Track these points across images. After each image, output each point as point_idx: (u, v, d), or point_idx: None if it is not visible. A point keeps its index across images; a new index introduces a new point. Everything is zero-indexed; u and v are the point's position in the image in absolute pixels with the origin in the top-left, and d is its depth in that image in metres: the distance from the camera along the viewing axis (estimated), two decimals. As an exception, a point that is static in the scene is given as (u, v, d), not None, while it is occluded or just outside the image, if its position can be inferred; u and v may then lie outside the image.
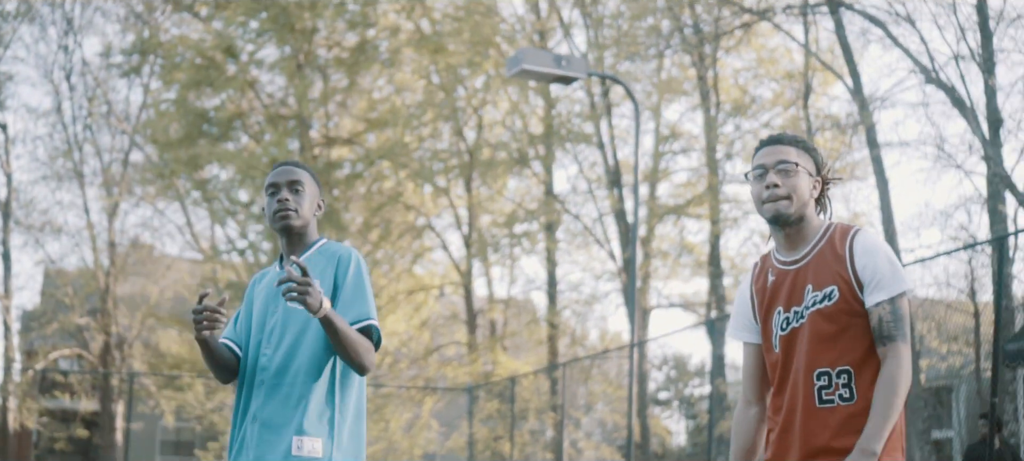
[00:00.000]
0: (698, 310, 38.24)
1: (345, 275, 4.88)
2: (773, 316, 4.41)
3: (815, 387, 4.25)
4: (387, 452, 36.04)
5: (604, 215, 36.21)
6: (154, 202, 40.39)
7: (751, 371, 4.55)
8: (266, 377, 4.88)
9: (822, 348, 4.25)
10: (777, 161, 4.43)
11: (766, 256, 4.57)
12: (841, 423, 4.21)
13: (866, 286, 4.27)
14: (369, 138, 37.88)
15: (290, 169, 5.09)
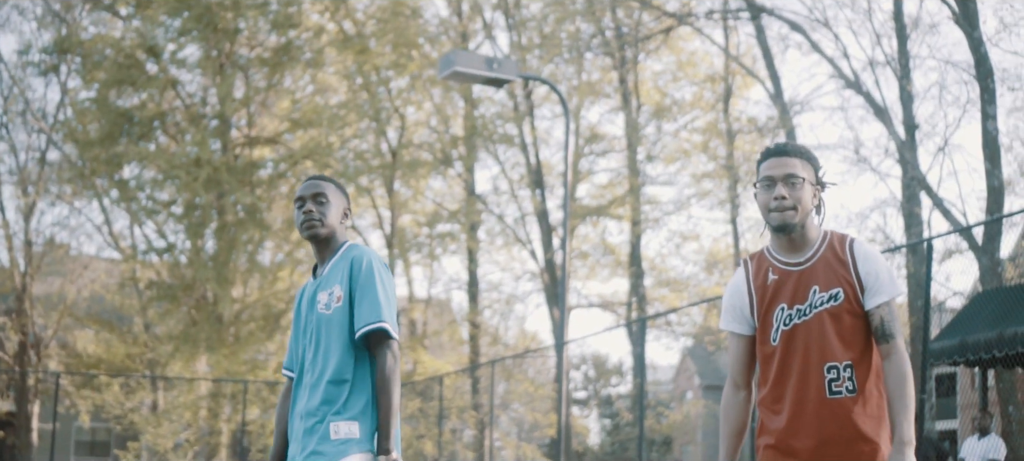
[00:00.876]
0: (617, 310, 38.70)
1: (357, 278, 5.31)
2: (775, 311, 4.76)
3: (826, 380, 4.64)
4: (310, 451, 36.08)
5: (526, 215, 36.55)
6: (71, 201, 40.07)
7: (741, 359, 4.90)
8: (306, 377, 5.37)
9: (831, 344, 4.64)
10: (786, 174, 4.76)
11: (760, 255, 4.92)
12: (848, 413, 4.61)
13: (867, 290, 4.69)
14: (291, 138, 37.92)
15: (315, 183, 5.54)
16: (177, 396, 37.69)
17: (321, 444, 5.16)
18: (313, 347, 5.35)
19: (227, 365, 35.62)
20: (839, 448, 4.62)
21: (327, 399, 5.23)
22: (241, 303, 37.17)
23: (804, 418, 4.66)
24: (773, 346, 4.73)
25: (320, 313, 5.35)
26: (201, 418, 37.14)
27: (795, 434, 4.67)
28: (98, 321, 41.16)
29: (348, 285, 5.32)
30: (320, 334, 5.34)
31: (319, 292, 5.41)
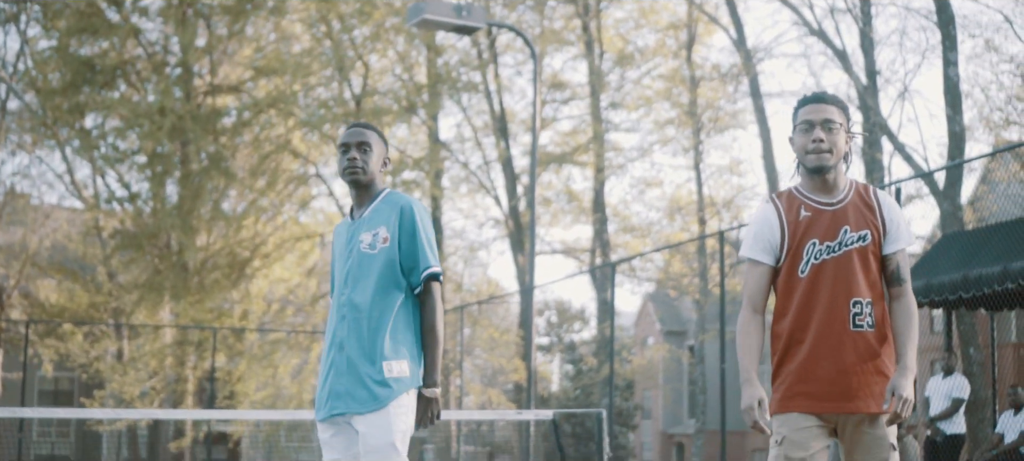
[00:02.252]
0: (580, 256, 38.96)
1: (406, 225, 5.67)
2: (806, 245, 5.11)
3: (850, 313, 5.01)
4: (275, 398, 36.29)
5: (490, 162, 36.70)
6: (32, 151, 39.88)
7: (762, 286, 5.21)
8: (348, 313, 5.62)
9: (857, 281, 5.03)
10: (824, 119, 5.14)
11: (789, 194, 5.26)
12: (868, 346, 5.01)
13: (888, 235, 5.11)
14: (254, 87, 37.89)
15: (360, 131, 5.84)
16: (142, 344, 37.75)
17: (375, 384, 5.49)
18: (354, 285, 5.64)
19: (193, 313, 35.70)
20: (857, 377, 4.98)
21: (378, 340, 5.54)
22: (206, 251, 37.21)
23: (827, 347, 5.00)
24: (801, 278, 5.08)
25: (363, 252, 5.66)
26: (167, 366, 37.22)
27: (817, 362, 5.02)
28: (61, 270, 41.04)
29: (397, 229, 5.65)
30: (363, 273, 5.63)
31: (361, 233, 5.71)
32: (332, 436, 5.64)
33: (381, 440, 5.44)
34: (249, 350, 36.61)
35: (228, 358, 36.63)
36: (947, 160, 24.79)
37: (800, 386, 5.05)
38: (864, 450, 5.02)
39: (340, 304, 5.69)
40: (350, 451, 5.62)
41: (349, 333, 5.59)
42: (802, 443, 5.00)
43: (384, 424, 5.45)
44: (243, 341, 36.73)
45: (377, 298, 5.58)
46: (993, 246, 15.91)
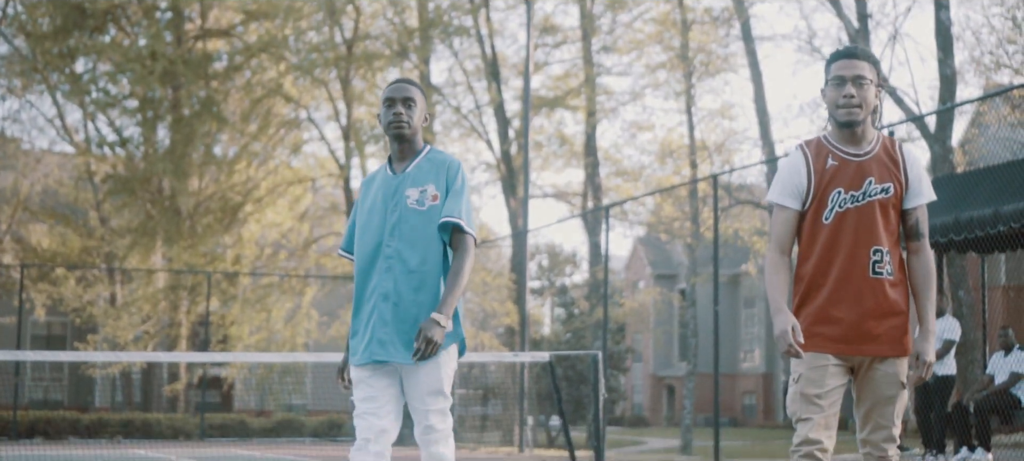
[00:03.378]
0: (571, 200, 39.04)
1: (453, 183, 5.89)
2: (831, 194, 5.32)
3: (870, 261, 5.23)
4: (268, 342, 36.44)
5: (482, 106, 36.69)
6: (22, 95, 39.78)
7: (788, 230, 5.40)
8: (394, 265, 5.83)
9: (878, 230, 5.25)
10: (855, 75, 5.29)
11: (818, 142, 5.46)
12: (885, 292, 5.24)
13: (910, 190, 5.33)
14: (244, 30, 37.79)
15: (405, 87, 6.00)
16: (135, 289, 37.85)
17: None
18: (400, 239, 5.85)
19: (185, 257, 35.78)
20: (874, 321, 5.22)
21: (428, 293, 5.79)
22: (198, 196, 37.25)
23: (847, 292, 5.24)
24: (825, 224, 5.29)
25: (411, 208, 5.86)
26: (160, 310, 37.33)
27: (837, 305, 5.25)
28: (53, 215, 41.07)
29: (445, 189, 5.88)
30: (410, 228, 5.85)
31: (407, 188, 5.90)
32: (370, 376, 5.86)
33: (432, 386, 5.77)
34: (242, 294, 36.72)
35: (221, 302, 36.74)
36: (938, 103, 24.87)
37: (818, 327, 5.27)
38: (874, 386, 5.27)
39: (385, 256, 5.86)
40: (388, 391, 5.87)
41: (395, 286, 5.82)
42: (817, 380, 5.25)
43: (434, 372, 5.77)
44: (236, 285, 36.84)
45: (426, 254, 5.82)
46: (983, 189, 16.02)
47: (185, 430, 30.29)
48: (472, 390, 34.07)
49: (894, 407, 5.23)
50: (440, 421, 5.81)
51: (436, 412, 5.80)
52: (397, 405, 5.89)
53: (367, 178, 6.14)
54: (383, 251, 5.87)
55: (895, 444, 5.23)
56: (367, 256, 5.94)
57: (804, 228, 5.37)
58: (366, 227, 5.98)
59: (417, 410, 5.82)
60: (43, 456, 18.37)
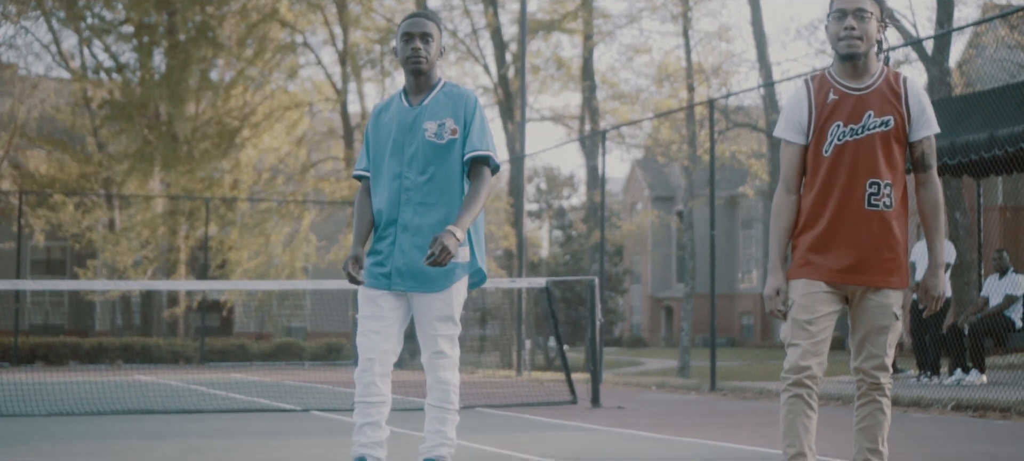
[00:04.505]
0: (568, 123, 39.02)
1: (471, 116, 6.01)
2: (831, 127, 5.38)
3: (867, 193, 5.30)
4: (268, 266, 36.54)
5: (479, 30, 36.58)
6: (18, 21, 39.63)
7: (794, 166, 5.49)
8: (413, 196, 5.96)
9: (877, 163, 5.31)
10: (856, 8, 5.35)
11: (821, 76, 5.51)
12: (881, 224, 5.31)
13: (914, 123, 5.36)
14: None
15: (422, 22, 6.05)
16: (134, 214, 37.90)
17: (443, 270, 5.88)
18: (419, 170, 5.96)
19: (183, 183, 35.81)
20: (868, 253, 5.30)
21: (443, 225, 5.88)
22: (195, 121, 37.21)
23: (842, 223, 5.32)
24: (824, 158, 5.36)
25: (429, 140, 5.96)
26: (159, 235, 37.41)
27: (832, 235, 5.34)
28: (50, 141, 41.05)
29: (463, 122, 5.98)
30: (430, 160, 5.95)
31: (424, 120, 5.98)
32: (379, 296, 5.98)
33: (443, 312, 5.93)
34: (240, 219, 36.78)
35: (220, 227, 36.80)
36: (936, 25, 24.79)
37: (812, 256, 5.37)
38: (867, 316, 5.34)
39: (405, 187, 5.98)
40: (394, 313, 5.99)
41: (414, 216, 5.95)
42: (808, 306, 5.34)
43: (447, 300, 5.92)
44: (234, 211, 36.88)
45: (446, 187, 5.94)
46: (980, 112, 16.03)
47: (185, 355, 30.45)
48: (471, 312, 34.23)
49: (886, 337, 5.30)
50: (449, 347, 5.98)
51: (445, 338, 5.96)
52: (401, 328, 6.04)
53: (379, 107, 6.22)
54: (401, 182, 5.98)
55: (887, 373, 5.31)
56: (384, 187, 6.05)
57: (807, 162, 5.45)
58: (381, 158, 6.08)
59: (427, 335, 5.97)
60: (43, 382, 18.48)
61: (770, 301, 5.43)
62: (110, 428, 10.98)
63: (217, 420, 11.96)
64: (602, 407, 13.66)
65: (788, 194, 5.47)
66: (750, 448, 9.23)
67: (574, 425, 11.49)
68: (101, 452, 8.89)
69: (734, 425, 11.62)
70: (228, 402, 14.86)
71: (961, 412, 12.65)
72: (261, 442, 9.68)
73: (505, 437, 10.17)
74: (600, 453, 8.89)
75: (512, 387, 17.36)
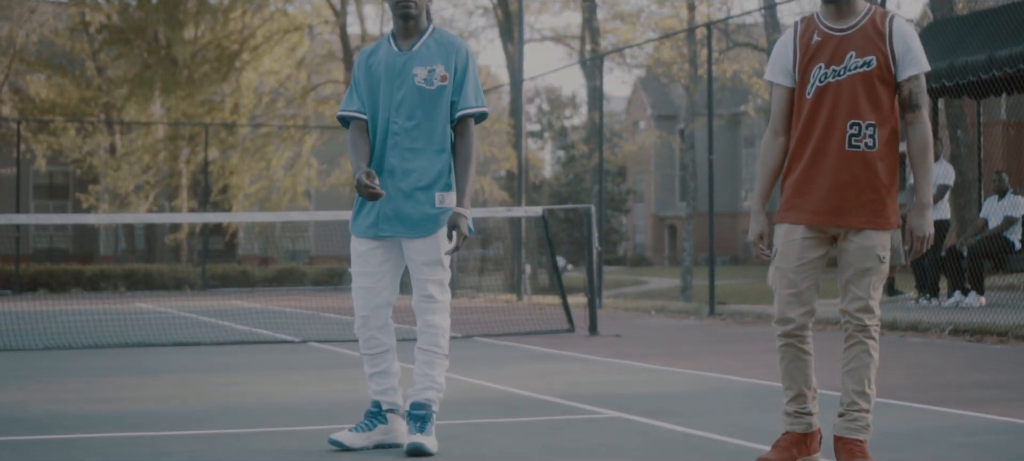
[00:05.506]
0: (569, 43, 38.84)
1: (464, 68, 6.02)
2: (813, 69, 5.35)
3: (847, 134, 5.28)
4: (269, 191, 36.51)
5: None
6: (15, -56, 39.37)
7: (782, 108, 5.48)
8: (400, 141, 5.99)
9: (858, 104, 5.27)
10: None
11: (809, 18, 5.48)
12: (862, 166, 5.27)
13: (900, 62, 5.28)
14: None
15: None
16: (134, 139, 37.83)
17: (429, 209, 5.95)
18: (407, 115, 5.97)
19: (183, 107, 35.71)
20: (848, 194, 5.27)
21: (431, 171, 5.95)
22: (194, 45, 37.03)
23: (823, 165, 5.30)
24: (807, 99, 5.34)
25: (419, 86, 5.95)
26: (160, 161, 37.36)
27: (813, 177, 5.33)
28: (49, 66, 40.89)
29: (453, 71, 5.96)
30: (418, 106, 5.96)
31: (414, 66, 5.96)
32: (369, 250, 6.01)
33: (431, 257, 5.95)
34: (241, 144, 36.70)
35: (221, 152, 36.74)
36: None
37: (795, 199, 5.37)
38: (850, 258, 5.30)
39: (392, 132, 5.99)
40: (382, 267, 6.03)
41: (400, 161, 5.98)
42: (788, 254, 5.35)
43: (434, 245, 5.94)
44: (235, 135, 36.80)
45: (434, 133, 5.96)
46: (980, 33, 15.91)
47: (188, 281, 30.49)
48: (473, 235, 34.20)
49: (870, 279, 5.26)
50: (438, 292, 5.98)
51: (434, 283, 5.96)
52: (395, 278, 6.08)
53: (367, 51, 6.17)
54: (389, 128, 5.99)
55: (872, 314, 5.27)
56: (372, 132, 6.06)
57: (794, 104, 5.44)
58: (370, 103, 6.07)
59: (417, 280, 6.00)
60: (43, 312, 18.52)
61: (754, 246, 5.46)
62: (105, 363, 10.99)
63: (213, 353, 11.97)
64: (599, 335, 13.67)
65: (775, 136, 5.46)
66: (741, 379, 9.23)
67: (569, 355, 11.50)
68: (91, 389, 8.90)
69: (730, 354, 11.63)
70: (227, 333, 14.88)
71: (959, 336, 12.65)
72: (255, 378, 9.68)
73: (497, 370, 10.18)
74: (592, 387, 8.89)
75: (511, 314, 17.39)
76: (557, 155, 52.37)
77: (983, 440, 6.30)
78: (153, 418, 7.31)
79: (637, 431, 6.68)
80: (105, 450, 6.14)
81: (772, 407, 7.32)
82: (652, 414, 7.20)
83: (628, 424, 6.90)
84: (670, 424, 6.84)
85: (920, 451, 5.95)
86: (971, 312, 14.54)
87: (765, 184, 5.49)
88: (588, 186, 36.14)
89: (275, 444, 6.32)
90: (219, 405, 7.92)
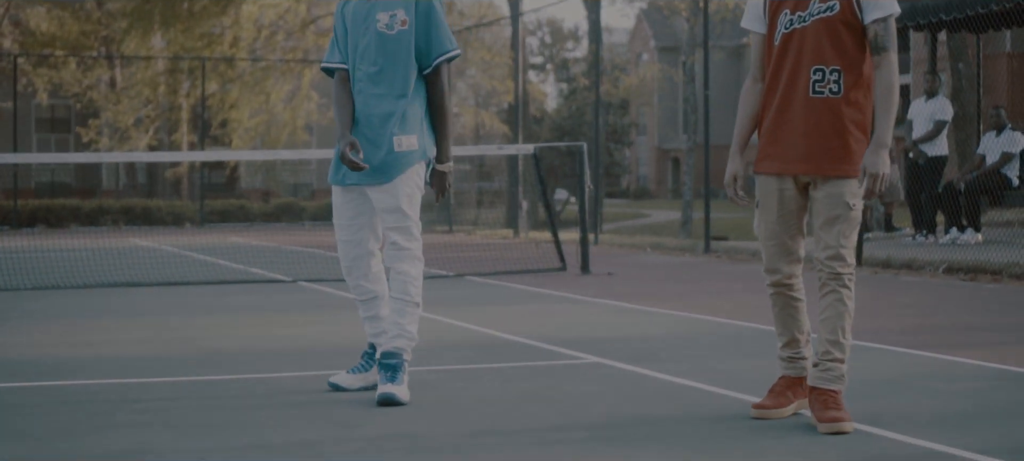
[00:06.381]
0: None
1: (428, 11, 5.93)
2: (780, 15, 5.31)
3: (811, 80, 5.23)
4: (269, 124, 36.38)
5: None
6: None
7: (757, 54, 5.45)
8: (364, 87, 5.97)
9: (822, 50, 5.22)
10: None
11: None
12: (827, 112, 5.22)
13: (865, 5, 5.21)
14: None
15: None
16: (134, 73, 37.70)
17: (388, 155, 5.88)
18: (371, 61, 5.93)
19: (183, 40, 35.53)
20: (814, 140, 5.22)
21: (389, 116, 5.90)
22: (193, -23, 36.77)
23: (790, 112, 5.27)
24: (775, 47, 5.31)
25: (381, 32, 5.91)
26: (160, 94, 37.24)
27: (782, 126, 5.30)
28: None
29: (414, 13, 5.90)
30: (380, 52, 5.91)
31: (377, 12, 5.91)
32: (343, 203, 6.06)
33: (390, 204, 5.90)
34: (240, 77, 36.53)
35: (220, 85, 36.59)
36: None
37: (767, 148, 5.36)
38: (819, 206, 5.25)
39: (358, 78, 5.98)
40: (356, 220, 6.05)
41: (364, 107, 5.96)
42: (768, 206, 5.36)
43: (393, 191, 5.89)
44: (234, 69, 36.61)
45: (395, 78, 5.92)
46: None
47: (186, 216, 30.41)
48: (468, 167, 34.17)
49: (840, 227, 5.20)
50: (404, 239, 5.92)
51: (397, 230, 5.92)
52: (372, 227, 6.10)
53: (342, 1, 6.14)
54: (355, 74, 5.98)
55: (845, 262, 5.21)
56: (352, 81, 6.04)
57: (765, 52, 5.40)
58: (343, 52, 6.06)
59: (384, 229, 6.02)
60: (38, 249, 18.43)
61: (728, 187, 5.43)
62: (91, 304, 10.93)
63: (201, 294, 11.91)
64: (591, 274, 13.59)
65: (754, 83, 5.44)
66: (728, 322, 9.15)
67: (558, 295, 11.42)
68: (74, 332, 8.83)
69: (721, 293, 11.55)
70: (218, 271, 14.83)
71: (953, 275, 12.56)
72: (239, 320, 9.62)
73: (482, 311, 10.11)
74: (576, 329, 8.81)
75: (506, 251, 17.28)
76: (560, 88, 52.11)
77: (962, 387, 6.21)
78: (126, 364, 7.25)
79: (616, 378, 6.61)
80: (68, 398, 6.06)
81: (756, 353, 7.27)
82: (633, 360, 7.12)
83: (608, 371, 6.83)
84: (650, 370, 6.76)
85: (897, 399, 5.87)
86: (967, 250, 14.44)
87: (743, 130, 5.46)
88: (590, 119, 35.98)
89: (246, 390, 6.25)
90: (196, 350, 7.85)
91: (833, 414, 5.08)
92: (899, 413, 5.45)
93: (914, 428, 5.06)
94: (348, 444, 4.92)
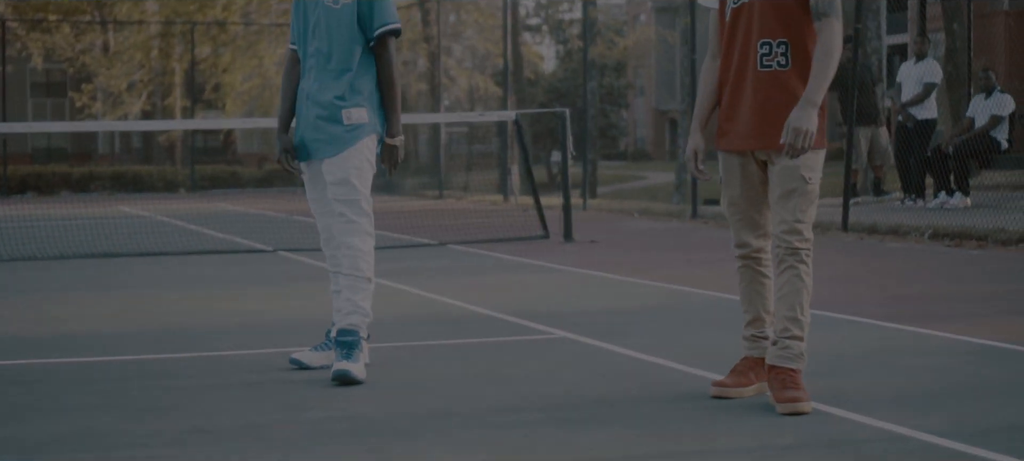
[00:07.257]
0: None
1: None
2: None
3: (759, 54, 5.18)
4: (262, 88, 36.21)
5: None
6: None
7: (714, 31, 5.41)
8: (314, 64, 5.99)
9: (768, 23, 5.16)
10: None
11: None
12: (776, 84, 5.16)
13: None
14: None
15: None
16: (127, 37, 37.54)
17: (335, 128, 5.89)
18: (319, 38, 5.94)
19: (175, 4, 35.36)
20: (764, 114, 5.16)
21: (337, 89, 5.91)
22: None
23: (743, 88, 5.22)
24: (726, 23, 5.27)
25: (328, 7, 5.93)
26: (153, 58, 37.11)
27: (734, 102, 5.27)
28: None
29: None
30: (326, 27, 5.93)
31: None
32: (311, 177, 6.09)
33: (338, 177, 5.88)
34: (233, 41, 36.37)
35: (212, 49, 36.43)
36: None
37: (725, 124, 5.30)
38: (774, 180, 5.16)
39: (308, 54, 6.01)
40: (322, 191, 6.05)
41: (312, 83, 5.97)
42: (730, 182, 5.32)
43: (342, 163, 5.88)
44: (227, 32, 36.43)
45: (338, 51, 5.92)
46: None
47: (179, 182, 30.28)
48: (459, 129, 34.02)
49: (796, 201, 5.11)
50: (352, 212, 5.89)
51: (344, 203, 5.89)
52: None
53: None
54: (306, 50, 6.01)
55: (801, 237, 5.12)
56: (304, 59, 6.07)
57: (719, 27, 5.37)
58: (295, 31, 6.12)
59: (333, 200, 5.97)
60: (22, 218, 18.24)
61: (689, 163, 5.36)
62: (64, 276, 10.83)
63: (178, 264, 11.80)
64: (574, 241, 13.47)
65: (712, 59, 5.39)
66: (705, 293, 9.05)
67: (537, 265, 11.31)
68: (42, 305, 8.75)
69: (702, 262, 11.45)
70: (200, 241, 14.71)
71: (938, 240, 12.45)
72: (212, 292, 9.52)
73: (456, 282, 10.00)
74: (549, 302, 8.70)
75: (493, 216, 17.13)
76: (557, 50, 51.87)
77: (933, 363, 6.12)
78: (87, 341, 7.16)
79: (582, 354, 6.53)
80: (18, 378, 5.98)
81: (729, 327, 7.16)
82: (601, 335, 7.03)
83: (573, 346, 6.74)
84: (616, 345, 6.67)
85: (862, 375, 5.78)
86: (953, 214, 14.32)
87: (701, 104, 5.38)
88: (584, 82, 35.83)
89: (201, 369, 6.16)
90: (160, 326, 7.75)
91: (791, 394, 4.99)
92: (862, 391, 5.36)
93: (875, 408, 4.96)
94: (293, 427, 4.83)
